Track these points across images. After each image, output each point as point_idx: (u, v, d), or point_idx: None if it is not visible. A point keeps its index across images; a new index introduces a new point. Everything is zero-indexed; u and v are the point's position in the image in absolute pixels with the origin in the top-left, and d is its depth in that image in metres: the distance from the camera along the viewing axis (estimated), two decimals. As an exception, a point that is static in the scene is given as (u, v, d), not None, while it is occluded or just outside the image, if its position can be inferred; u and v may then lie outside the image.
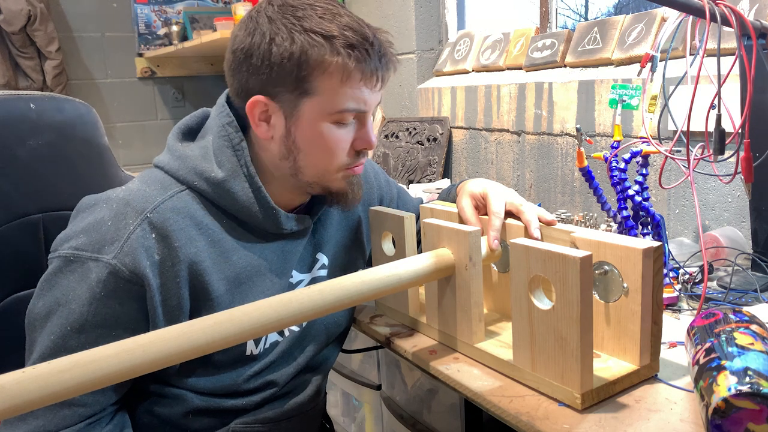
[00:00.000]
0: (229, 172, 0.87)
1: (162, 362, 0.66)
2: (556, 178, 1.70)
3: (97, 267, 0.80)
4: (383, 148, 2.25)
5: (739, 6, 1.29)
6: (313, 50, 0.82)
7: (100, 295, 0.80)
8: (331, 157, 0.90)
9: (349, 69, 0.84)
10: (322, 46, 0.82)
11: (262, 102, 0.86)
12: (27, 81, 2.84)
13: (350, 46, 0.83)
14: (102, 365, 0.63)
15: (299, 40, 0.82)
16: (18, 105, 1.05)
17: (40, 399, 0.59)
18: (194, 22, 2.99)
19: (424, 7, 2.21)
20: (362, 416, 1.53)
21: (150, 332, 0.68)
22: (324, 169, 0.91)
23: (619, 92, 1.09)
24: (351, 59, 0.83)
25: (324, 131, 0.87)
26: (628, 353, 0.80)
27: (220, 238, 0.88)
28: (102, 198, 0.87)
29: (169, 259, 0.83)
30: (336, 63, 0.83)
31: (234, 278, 0.89)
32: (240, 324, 0.71)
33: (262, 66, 0.84)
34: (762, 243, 1.13)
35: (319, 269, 1.02)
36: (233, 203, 0.88)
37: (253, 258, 0.91)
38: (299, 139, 0.88)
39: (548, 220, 0.89)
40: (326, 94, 0.85)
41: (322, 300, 0.77)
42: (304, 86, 0.84)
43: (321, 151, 0.89)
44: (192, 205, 0.87)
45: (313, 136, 0.87)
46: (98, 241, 0.81)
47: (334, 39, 0.83)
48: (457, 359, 0.90)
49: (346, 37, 0.83)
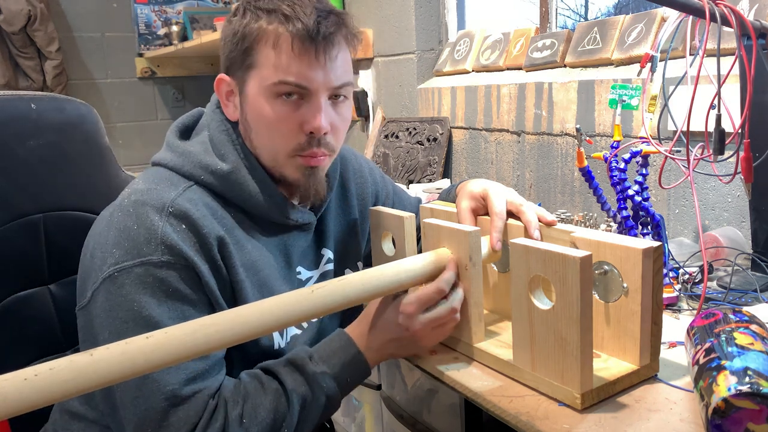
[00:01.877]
0: (233, 164, 0.89)
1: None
2: (556, 178, 1.70)
3: (151, 269, 0.79)
4: (383, 148, 2.25)
5: (739, 6, 1.29)
6: (254, 23, 0.85)
7: (167, 292, 0.80)
8: (274, 135, 0.88)
9: (279, 36, 0.84)
10: (262, 19, 0.85)
11: (225, 81, 0.90)
12: (27, 81, 2.84)
13: (286, 16, 0.84)
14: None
15: (248, 16, 0.86)
16: (19, 105, 1.05)
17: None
18: (194, 22, 2.99)
19: (424, 7, 2.22)
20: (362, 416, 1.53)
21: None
22: (274, 151, 0.89)
23: (619, 92, 1.09)
24: (283, 28, 0.84)
25: (265, 105, 0.86)
26: (628, 353, 0.80)
27: (233, 227, 0.89)
28: (112, 210, 0.85)
29: (205, 244, 0.83)
30: (271, 32, 0.84)
31: (250, 266, 0.89)
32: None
33: (224, 45, 0.89)
34: (762, 243, 1.13)
35: (326, 264, 1.03)
36: (240, 194, 0.89)
37: (261, 249, 0.92)
38: (249, 116, 0.89)
39: (548, 221, 0.89)
40: (265, 65, 0.85)
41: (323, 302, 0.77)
42: (248, 60, 0.86)
43: (265, 128, 0.88)
44: (204, 197, 0.87)
45: (257, 110, 0.87)
46: (134, 246, 0.80)
47: (274, 12, 0.85)
48: (457, 359, 0.90)
49: (284, 9, 0.84)
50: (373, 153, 2.29)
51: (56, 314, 1.10)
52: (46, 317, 1.09)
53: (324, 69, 0.85)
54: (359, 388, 1.46)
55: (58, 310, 1.10)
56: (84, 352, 0.65)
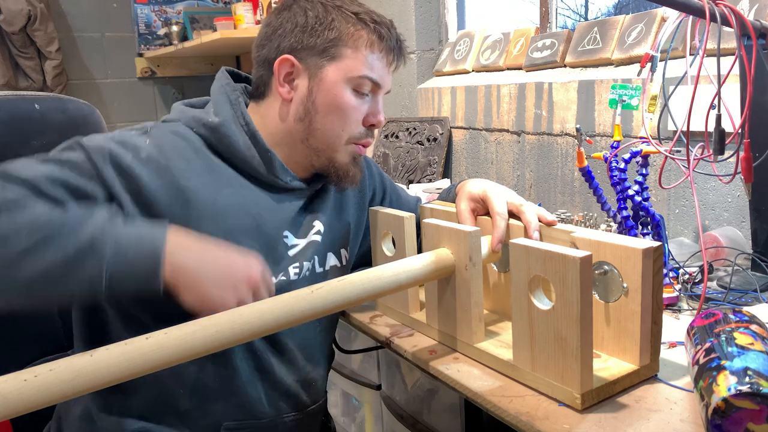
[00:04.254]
0: (224, 118, 0.95)
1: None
2: (556, 178, 1.70)
3: (80, 150, 0.86)
4: (383, 148, 2.25)
5: (739, 6, 1.29)
6: (343, 20, 0.95)
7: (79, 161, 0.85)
8: (344, 123, 0.96)
9: (372, 40, 0.96)
10: (352, 18, 0.96)
11: (290, 62, 0.95)
12: (27, 81, 2.84)
13: (375, 22, 0.97)
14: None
15: (332, 11, 0.96)
16: (22, 105, 1.05)
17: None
18: (194, 22, 2.99)
19: (424, 7, 2.22)
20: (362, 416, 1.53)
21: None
22: (335, 135, 0.97)
23: (619, 92, 1.09)
24: (374, 33, 0.96)
25: (343, 94, 0.95)
26: (628, 353, 0.80)
27: (217, 168, 0.94)
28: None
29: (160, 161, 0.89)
30: (362, 33, 0.95)
31: (218, 209, 0.90)
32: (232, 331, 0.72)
33: (295, 29, 0.96)
34: (762, 243, 1.13)
35: (315, 234, 1.02)
36: (229, 146, 0.94)
37: (244, 199, 0.94)
38: (319, 100, 0.96)
39: (549, 221, 0.89)
40: (350, 59, 0.95)
41: (322, 302, 0.77)
42: (331, 51, 0.95)
43: (336, 115, 0.96)
44: (193, 136, 0.94)
45: (333, 98, 0.95)
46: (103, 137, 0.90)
47: (362, 14, 0.96)
48: (457, 359, 0.90)
49: (371, 16, 0.97)
50: (373, 153, 2.29)
51: (57, 314, 1.10)
52: (47, 317, 1.09)
53: (389, 75, 1.01)
54: (359, 387, 1.46)
55: (59, 310, 1.10)
56: (84, 353, 0.65)
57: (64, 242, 0.73)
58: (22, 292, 0.73)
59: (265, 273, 0.83)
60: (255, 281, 0.81)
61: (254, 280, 0.81)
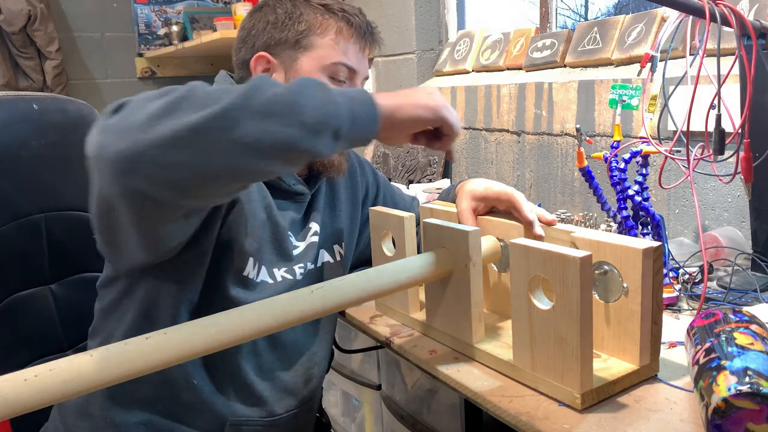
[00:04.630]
0: None
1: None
2: (556, 178, 1.70)
3: None
4: (383, 148, 2.25)
5: (739, 6, 1.29)
6: (311, 12, 0.98)
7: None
8: None
9: (341, 27, 0.98)
10: (320, 9, 0.98)
11: (265, 59, 0.98)
12: (27, 81, 2.84)
13: (343, 10, 0.99)
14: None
15: (300, 5, 0.98)
16: (21, 106, 1.05)
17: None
18: (194, 22, 2.99)
19: (424, 7, 2.22)
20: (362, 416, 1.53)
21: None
22: None
23: (619, 92, 1.09)
24: (342, 20, 0.98)
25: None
26: (628, 353, 0.80)
27: None
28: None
29: None
30: (330, 22, 0.98)
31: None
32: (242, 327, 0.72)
33: (267, 27, 0.98)
34: (762, 243, 1.13)
35: (312, 236, 1.03)
36: None
37: (258, 189, 0.94)
38: None
39: (548, 220, 0.89)
40: (322, 48, 0.97)
41: (322, 302, 0.77)
42: (302, 42, 0.97)
43: None
44: None
45: None
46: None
47: (329, 5, 0.99)
48: (457, 359, 0.90)
49: (339, 5, 1.00)
50: (373, 153, 2.29)
51: (57, 314, 1.10)
52: (47, 317, 1.09)
53: (365, 61, 1.01)
54: (359, 388, 1.46)
55: (59, 310, 1.10)
56: (83, 353, 0.65)
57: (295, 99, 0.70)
58: (247, 153, 0.67)
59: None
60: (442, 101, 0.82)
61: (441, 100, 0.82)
